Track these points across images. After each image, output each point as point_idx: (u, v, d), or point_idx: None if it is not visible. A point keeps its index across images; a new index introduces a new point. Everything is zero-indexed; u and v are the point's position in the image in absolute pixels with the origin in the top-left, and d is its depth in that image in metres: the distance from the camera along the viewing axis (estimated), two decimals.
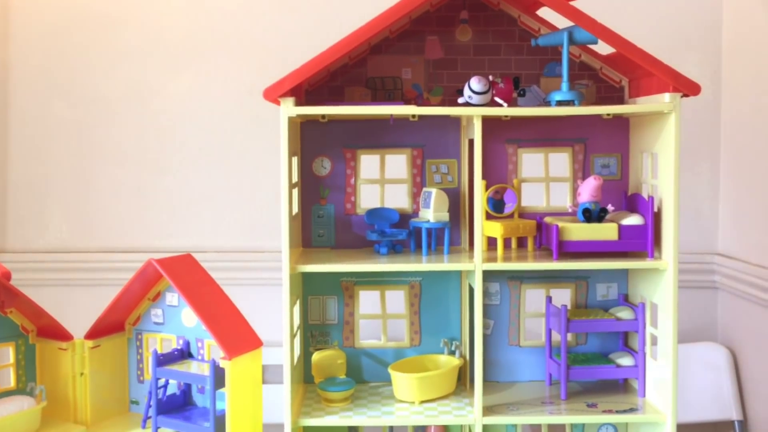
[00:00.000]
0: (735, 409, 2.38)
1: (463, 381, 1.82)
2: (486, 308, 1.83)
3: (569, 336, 1.84)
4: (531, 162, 1.83)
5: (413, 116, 1.79)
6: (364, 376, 1.86)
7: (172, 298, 1.76)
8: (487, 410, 1.66)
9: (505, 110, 1.60)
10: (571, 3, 1.58)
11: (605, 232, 1.65)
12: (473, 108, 1.60)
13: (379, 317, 1.86)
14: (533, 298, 1.85)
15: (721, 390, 2.40)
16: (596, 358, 1.80)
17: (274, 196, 2.44)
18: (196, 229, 2.59)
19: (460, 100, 1.62)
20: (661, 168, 1.64)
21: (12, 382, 1.72)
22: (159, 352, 1.71)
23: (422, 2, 1.57)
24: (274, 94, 1.56)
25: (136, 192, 2.58)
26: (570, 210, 1.78)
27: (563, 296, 1.83)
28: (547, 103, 1.67)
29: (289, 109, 1.57)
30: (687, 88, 1.55)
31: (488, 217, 1.77)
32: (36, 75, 2.57)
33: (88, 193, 2.59)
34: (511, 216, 1.80)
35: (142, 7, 2.55)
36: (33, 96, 2.57)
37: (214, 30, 2.55)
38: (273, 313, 1.97)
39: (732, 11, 2.44)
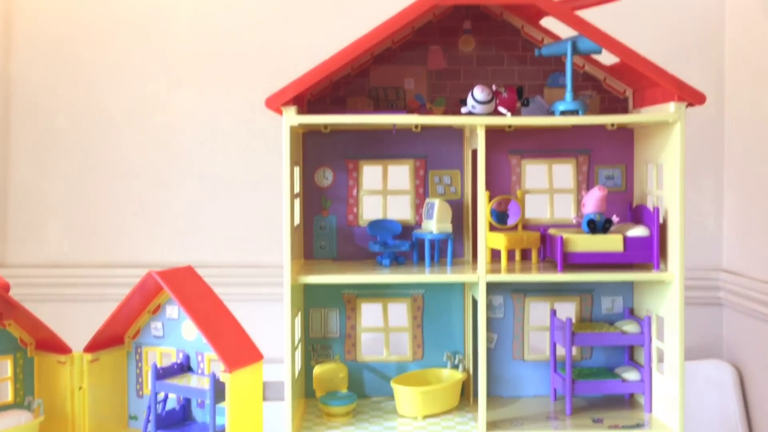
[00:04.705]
0: (741, 428, 2.34)
1: (466, 396, 1.79)
2: (489, 321, 1.80)
3: (574, 350, 1.82)
4: (535, 173, 1.82)
5: (416, 127, 1.78)
6: (366, 390, 1.83)
7: (172, 311, 1.74)
8: (491, 425, 1.63)
9: (508, 120, 1.59)
10: (575, 12, 1.58)
11: (610, 243, 1.64)
12: (477, 117, 1.58)
13: (381, 330, 1.84)
14: (537, 311, 1.83)
15: (726, 408, 2.37)
16: (602, 373, 1.77)
17: (276, 212, 2.43)
18: (197, 243, 2.57)
19: (464, 110, 1.61)
20: (666, 178, 1.62)
21: (10, 396, 1.70)
22: (158, 365, 1.69)
23: (425, 12, 1.57)
24: (276, 103, 1.55)
25: (137, 206, 2.57)
26: (574, 222, 1.76)
27: (568, 309, 1.81)
28: (551, 113, 1.66)
29: (291, 117, 1.56)
30: (692, 97, 1.54)
31: (492, 228, 1.76)
32: (38, 88, 2.57)
33: (88, 207, 2.57)
34: (514, 228, 1.78)
35: (144, 21, 2.56)
36: (35, 109, 2.57)
37: (217, 44, 2.56)
38: (274, 329, 1.95)
39: (734, 23, 2.45)
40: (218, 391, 1.58)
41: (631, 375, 1.73)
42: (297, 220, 1.74)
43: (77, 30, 2.56)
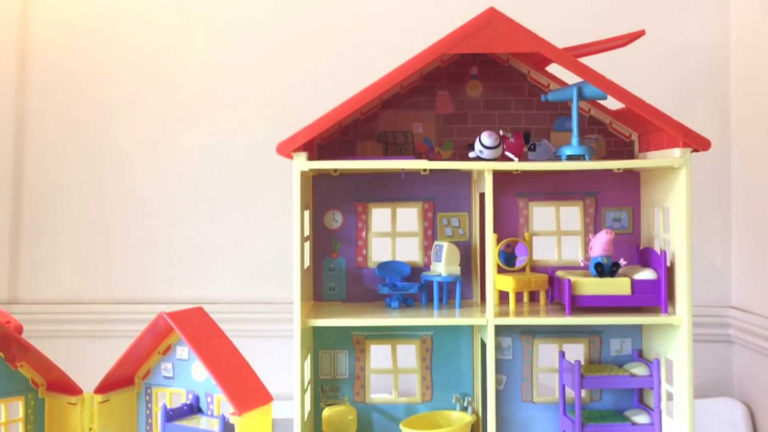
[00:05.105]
0: None
1: None
2: (498, 363, 1.81)
3: (583, 392, 1.81)
4: (542, 215, 1.83)
5: (424, 170, 1.80)
6: None
7: (183, 351, 1.75)
8: None
9: (515, 165, 1.61)
10: (580, 59, 1.60)
11: (618, 286, 1.64)
12: (484, 162, 1.61)
13: (390, 372, 1.84)
14: (546, 352, 1.83)
15: None
16: (611, 416, 1.77)
17: (286, 248, 2.46)
18: (207, 280, 2.59)
19: (471, 155, 1.63)
20: (672, 222, 1.63)
21: None
22: (168, 406, 1.70)
23: (433, 59, 1.60)
24: (287, 149, 1.57)
25: (148, 243, 2.60)
26: (582, 264, 1.77)
27: (576, 351, 1.81)
28: (558, 158, 1.68)
29: (301, 163, 1.58)
30: (697, 143, 1.56)
31: (500, 270, 1.77)
32: (51, 125, 2.61)
33: (99, 244, 2.60)
34: (522, 270, 1.79)
35: (156, 59, 2.60)
36: (48, 147, 2.61)
37: (228, 83, 2.60)
38: (283, 365, 1.96)
39: (739, 60, 2.47)
40: None
41: (641, 418, 1.73)
42: (307, 263, 1.76)
43: (90, 68, 2.61)
